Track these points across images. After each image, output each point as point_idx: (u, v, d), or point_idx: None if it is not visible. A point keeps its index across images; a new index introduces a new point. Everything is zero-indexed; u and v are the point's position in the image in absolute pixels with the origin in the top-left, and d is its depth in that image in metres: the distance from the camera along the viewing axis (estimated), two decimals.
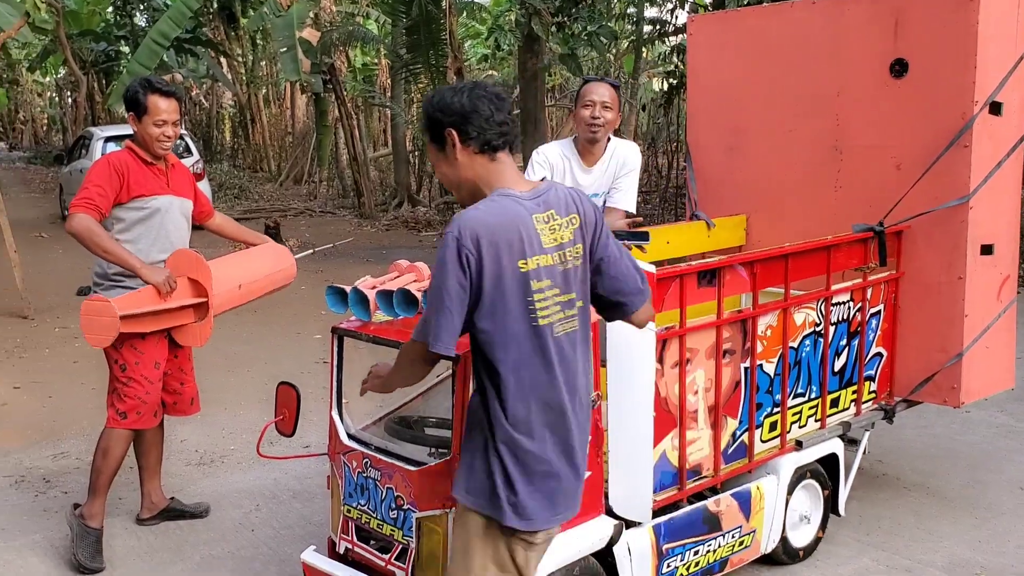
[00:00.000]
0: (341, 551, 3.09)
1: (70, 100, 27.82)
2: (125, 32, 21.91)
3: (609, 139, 4.08)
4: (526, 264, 2.22)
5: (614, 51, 18.62)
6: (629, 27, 16.53)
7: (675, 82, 14.65)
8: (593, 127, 3.96)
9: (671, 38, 15.75)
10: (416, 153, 18.57)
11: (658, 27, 15.21)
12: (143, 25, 21.31)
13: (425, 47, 14.75)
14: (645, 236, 3.73)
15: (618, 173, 4.08)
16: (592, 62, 19.77)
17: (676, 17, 14.75)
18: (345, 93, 17.12)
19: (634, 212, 4.13)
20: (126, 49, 22.49)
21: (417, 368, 2.41)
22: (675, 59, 15.11)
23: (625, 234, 3.73)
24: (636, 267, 2.47)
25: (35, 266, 10.36)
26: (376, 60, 24.26)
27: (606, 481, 3.10)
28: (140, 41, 16.00)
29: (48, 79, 33.33)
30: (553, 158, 4.08)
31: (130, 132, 4.02)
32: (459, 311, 2.21)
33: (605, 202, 4.12)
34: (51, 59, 25.19)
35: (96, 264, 3.93)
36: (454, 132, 2.30)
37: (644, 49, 17.69)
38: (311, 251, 5.51)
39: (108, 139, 13.58)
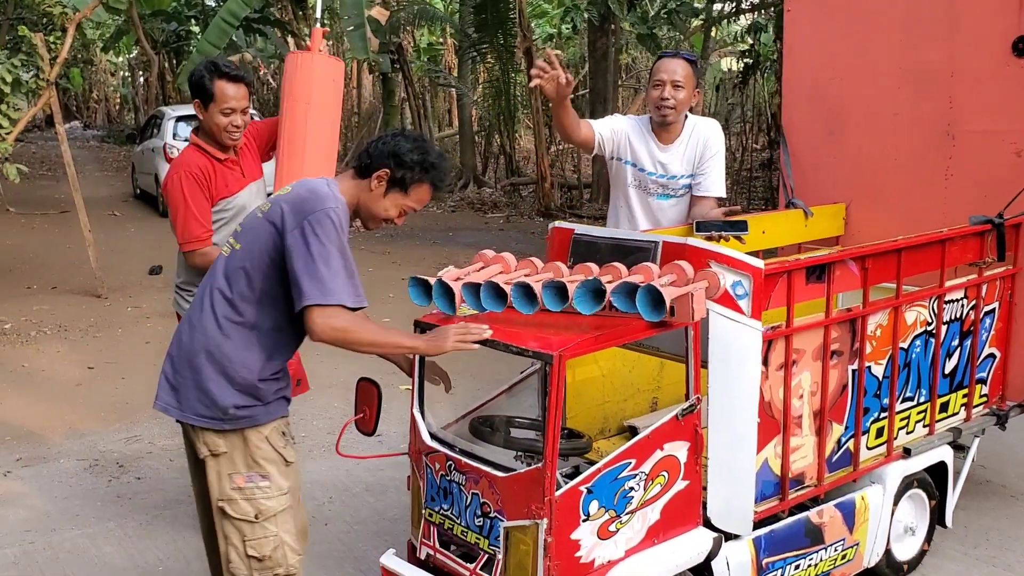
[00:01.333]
0: (422, 556, 2.95)
1: (142, 80, 28.18)
2: (196, 12, 22.07)
3: (687, 116, 3.84)
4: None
5: (685, 30, 18.18)
6: (699, 5, 16.10)
7: (750, 61, 14.21)
8: (662, 109, 3.72)
9: (744, 16, 15.28)
10: (482, 134, 18.38)
11: (733, 4, 14.74)
12: (213, 5, 21.44)
13: (493, 26, 14.55)
14: (743, 226, 3.51)
15: (701, 155, 3.83)
16: (661, 41, 19.34)
17: None
18: (412, 73, 17.00)
19: (724, 196, 3.88)
20: (196, 29, 22.67)
21: None
22: (749, 38, 14.65)
23: (721, 224, 3.50)
24: (309, 275, 2.51)
25: (107, 244, 10.46)
26: (441, 40, 24.09)
27: (705, 489, 2.90)
28: (210, 21, 16.06)
29: (121, 59, 33.82)
30: (628, 127, 3.85)
31: None
32: None
33: (691, 188, 3.89)
34: (124, 39, 25.49)
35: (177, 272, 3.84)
36: None
37: (713, 28, 17.21)
38: None
39: (179, 119, 13.67)
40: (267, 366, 2.67)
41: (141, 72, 28.61)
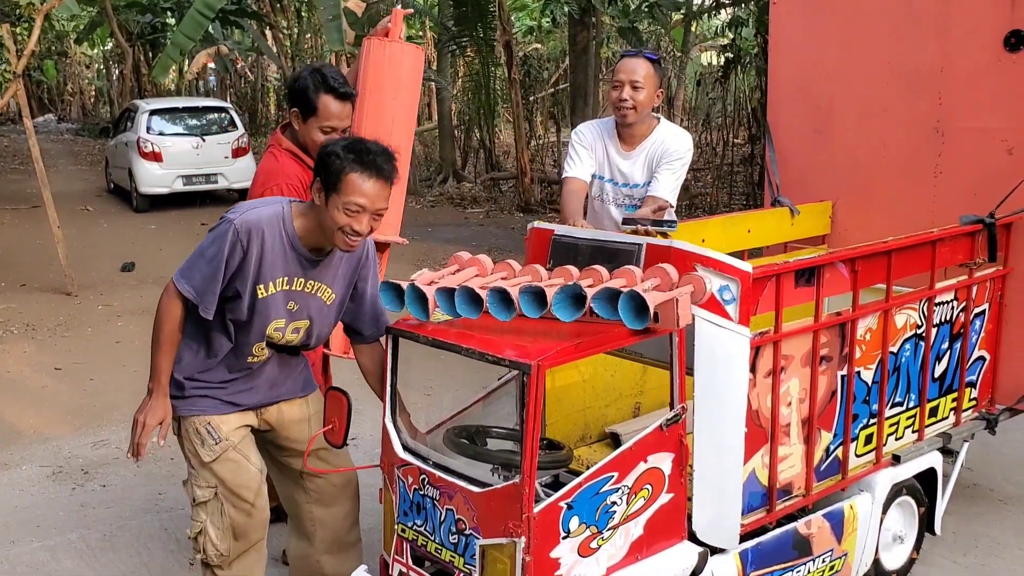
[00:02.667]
0: (394, 574, 2.81)
1: (116, 72, 27.80)
2: (171, 4, 21.75)
3: (659, 121, 3.75)
4: None
5: (666, 24, 18.05)
6: None
7: (731, 56, 14.14)
8: (621, 110, 3.64)
9: (725, 11, 15.20)
10: (462, 128, 18.21)
11: None
12: None
13: (473, 19, 14.37)
14: (671, 223, 3.36)
15: (658, 161, 3.71)
16: (642, 35, 19.22)
17: None
18: None
19: (672, 204, 3.74)
20: (172, 21, 22.36)
21: None
22: (730, 32, 14.58)
23: (649, 222, 3.36)
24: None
25: (79, 239, 10.23)
26: (421, 33, 23.88)
27: (690, 500, 2.78)
28: (185, 13, 15.79)
29: (95, 51, 33.38)
30: (591, 139, 3.78)
31: (174, 106, 3.66)
32: None
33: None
34: (98, 31, 25.14)
35: None
36: None
37: (693, 22, 17.11)
38: None
39: (153, 112, 13.41)
40: (195, 363, 2.79)
41: (116, 65, 28.23)
